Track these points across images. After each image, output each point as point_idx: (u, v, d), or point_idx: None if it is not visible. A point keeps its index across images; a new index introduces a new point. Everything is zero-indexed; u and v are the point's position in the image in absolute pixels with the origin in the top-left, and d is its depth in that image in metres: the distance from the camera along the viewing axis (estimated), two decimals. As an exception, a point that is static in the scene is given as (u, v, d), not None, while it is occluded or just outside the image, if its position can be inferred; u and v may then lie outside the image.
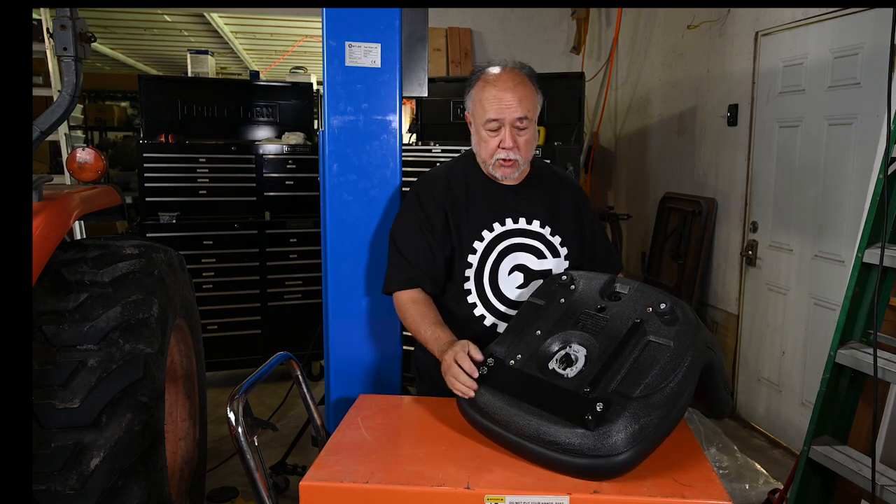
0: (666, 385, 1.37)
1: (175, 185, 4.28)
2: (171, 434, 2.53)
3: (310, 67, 8.07)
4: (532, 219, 1.88)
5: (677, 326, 1.46)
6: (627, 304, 1.57)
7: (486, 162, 1.84)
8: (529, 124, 1.80)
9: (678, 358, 1.41)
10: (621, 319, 1.53)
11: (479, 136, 1.83)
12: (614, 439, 1.30)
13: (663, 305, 1.49)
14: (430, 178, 1.95)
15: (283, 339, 4.04)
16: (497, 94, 1.77)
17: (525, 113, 1.77)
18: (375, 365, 2.18)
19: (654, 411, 1.34)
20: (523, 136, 1.80)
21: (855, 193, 3.14)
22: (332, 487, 1.32)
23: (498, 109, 1.76)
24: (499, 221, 1.87)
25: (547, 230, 1.89)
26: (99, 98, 9.22)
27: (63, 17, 2.00)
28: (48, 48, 4.22)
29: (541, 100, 1.85)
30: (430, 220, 1.85)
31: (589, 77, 5.46)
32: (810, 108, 3.46)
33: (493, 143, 1.80)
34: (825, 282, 3.37)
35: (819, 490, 2.36)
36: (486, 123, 1.79)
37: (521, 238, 1.87)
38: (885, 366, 2.06)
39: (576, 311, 1.61)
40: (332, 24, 2.03)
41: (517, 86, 1.78)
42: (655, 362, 1.41)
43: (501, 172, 1.84)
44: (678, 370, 1.39)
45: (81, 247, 2.10)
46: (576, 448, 1.33)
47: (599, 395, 1.38)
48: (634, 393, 1.36)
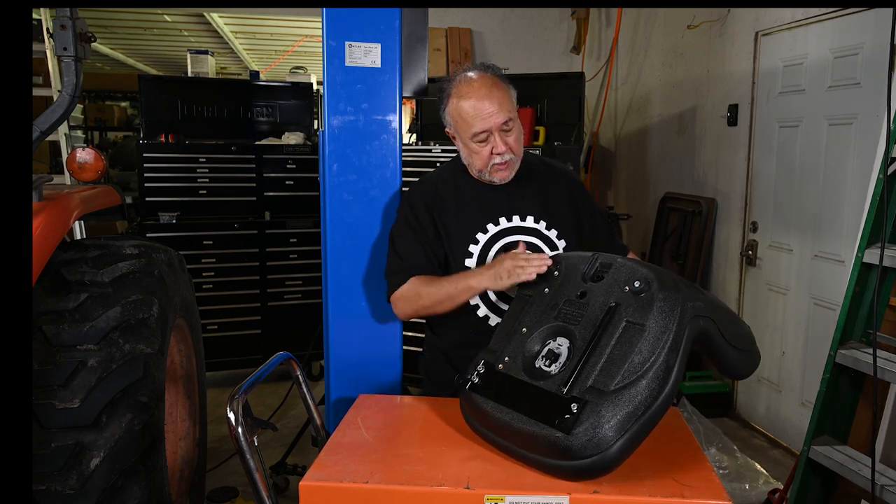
0: (648, 370, 1.31)
1: (175, 185, 4.28)
2: (171, 434, 2.53)
3: (310, 67, 8.07)
4: (526, 215, 1.88)
5: (654, 304, 1.38)
6: (606, 285, 1.49)
7: (482, 171, 1.84)
8: (514, 123, 1.81)
9: (658, 338, 1.34)
10: (599, 304, 1.46)
11: (470, 149, 1.83)
12: (591, 439, 1.27)
13: (637, 283, 1.42)
14: (418, 185, 1.95)
15: (283, 339, 4.04)
16: (475, 105, 1.76)
17: (508, 115, 1.78)
18: (375, 365, 2.18)
19: (633, 401, 1.29)
20: (511, 135, 1.81)
21: (855, 193, 3.14)
22: (332, 487, 1.32)
23: (482, 121, 1.76)
24: (492, 222, 1.86)
25: (542, 224, 1.88)
26: (99, 98, 9.22)
27: (63, 17, 2.00)
28: (48, 48, 4.21)
29: (514, 94, 1.84)
30: (422, 226, 1.86)
31: (589, 77, 5.46)
32: (810, 108, 3.46)
33: (485, 152, 1.80)
34: (825, 282, 3.37)
35: (819, 490, 2.36)
36: (473, 137, 1.79)
37: (517, 236, 1.86)
38: (885, 366, 2.06)
39: (559, 300, 1.56)
40: (332, 24, 2.03)
41: (492, 90, 1.77)
42: (633, 347, 1.34)
43: (499, 177, 1.84)
44: (659, 351, 1.33)
45: (81, 247, 2.10)
46: (561, 450, 1.30)
47: (576, 394, 1.34)
48: (611, 385, 1.31)
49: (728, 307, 1.56)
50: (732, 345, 1.47)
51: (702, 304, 1.41)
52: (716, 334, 1.43)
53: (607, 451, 1.28)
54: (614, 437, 1.28)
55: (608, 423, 1.28)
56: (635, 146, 5.45)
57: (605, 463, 1.28)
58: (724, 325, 1.45)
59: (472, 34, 5.64)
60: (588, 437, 1.28)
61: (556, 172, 2.00)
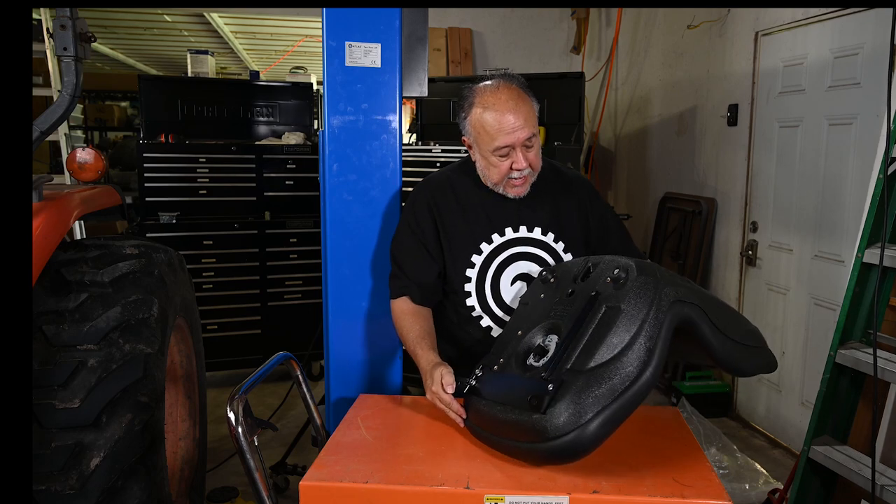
0: (626, 349, 1.31)
1: (175, 185, 4.28)
2: (171, 434, 2.53)
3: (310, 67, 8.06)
4: (533, 226, 1.84)
5: (627, 285, 1.38)
6: (592, 280, 1.51)
7: (497, 185, 1.79)
8: (535, 140, 1.76)
9: (633, 317, 1.33)
10: (583, 297, 1.48)
11: (488, 162, 1.77)
12: (568, 417, 1.27)
13: (617, 271, 1.43)
14: (424, 184, 1.92)
15: (283, 339, 4.04)
16: (499, 119, 1.69)
17: (532, 131, 1.72)
18: (375, 365, 2.18)
19: (611, 379, 1.29)
20: (532, 151, 1.75)
21: (855, 193, 3.14)
22: (332, 487, 1.32)
23: (506, 136, 1.70)
24: (497, 232, 1.83)
25: (550, 237, 1.85)
26: (99, 98, 9.22)
27: (63, 17, 2.00)
28: (48, 48, 4.21)
29: (537, 107, 1.78)
30: (422, 230, 1.85)
31: (589, 77, 5.46)
32: (810, 108, 3.46)
33: (504, 167, 1.75)
34: (825, 282, 3.37)
35: (819, 490, 2.36)
36: (494, 151, 1.73)
37: (522, 247, 1.84)
38: (885, 366, 2.05)
39: (552, 303, 1.58)
40: (332, 24, 2.03)
41: (518, 104, 1.71)
42: (609, 328, 1.34)
43: (514, 192, 1.80)
44: (637, 331, 1.32)
45: (81, 247, 2.10)
46: (539, 431, 1.30)
47: (555, 377, 1.35)
48: (588, 364, 1.31)
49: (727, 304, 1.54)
50: (727, 335, 1.43)
51: (685, 289, 1.40)
52: (704, 322, 1.39)
53: (584, 429, 1.27)
54: (591, 414, 1.27)
55: (585, 400, 1.28)
56: (635, 146, 5.45)
57: (582, 441, 1.27)
58: (715, 315, 1.42)
59: (472, 34, 5.64)
60: (564, 415, 1.28)
61: (567, 181, 1.93)
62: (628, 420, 1.30)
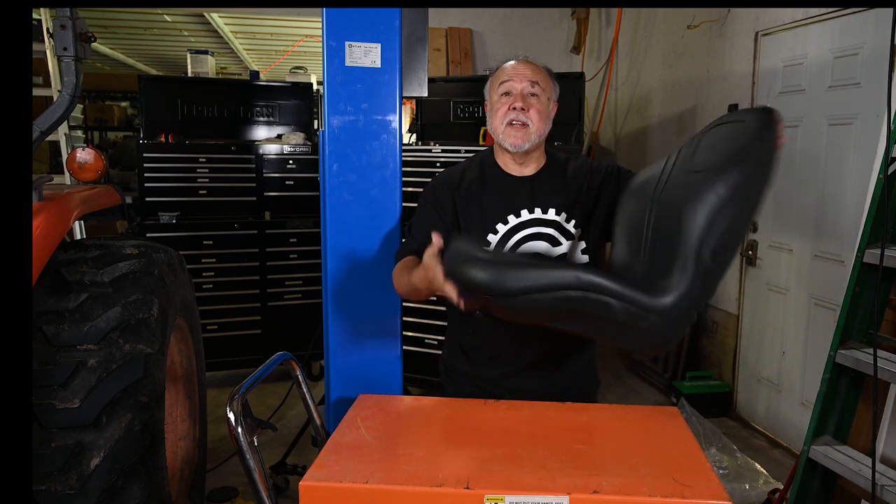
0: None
1: (175, 185, 4.28)
2: (171, 434, 2.53)
3: (310, 67, 8.06)
4: (548, 207, 1.87)
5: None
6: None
7: (498, 130, 1.83)
8: (542, 94, 1.81)
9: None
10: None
11: (492, 107, 1.85)
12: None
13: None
14: (444, 171, 1.96)
15: (283, 339, 4.03)
16: (511, 66, 1.83)
17: (537, 79, 1.80)
18: (375, 365, 2.17)
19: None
20: (534, 103, 1.80)
21: (855, 193, 3.14)
22: (332, 487, 1.32)
23: (509, 75, 1.81)
24: (514, 213, 1.86)
25: (563, 216, 1.87)
26: (99, 98, 9.21)
27: (63, 17, 2.00)
28: (48, 48, 4.21)
29: (556, 88, 1.87)
30: (442, 208, 1.86)
31: (589, 77, 5.46)
32: (810, 108, 3.46)
33: (503, 107, 1.81)
34: (825, 282, 3.37)
35: (819, 490, 2.36)
36: (498, 88, 1.82)
37: (536, 227, 1.86)
38: (885, 366, 2.06)
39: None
40: (332, 24, 2.03)
41: (530, 64, 1.83)
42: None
43: (511, 141, 1.81)
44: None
45: (81, 247, 2.10)
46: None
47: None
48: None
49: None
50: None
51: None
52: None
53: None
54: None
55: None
56: (635, 146, 5.44)
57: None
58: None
59: (472, 34, 5.64)
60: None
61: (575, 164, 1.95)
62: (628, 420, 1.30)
